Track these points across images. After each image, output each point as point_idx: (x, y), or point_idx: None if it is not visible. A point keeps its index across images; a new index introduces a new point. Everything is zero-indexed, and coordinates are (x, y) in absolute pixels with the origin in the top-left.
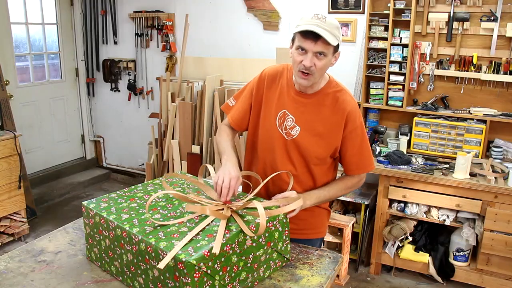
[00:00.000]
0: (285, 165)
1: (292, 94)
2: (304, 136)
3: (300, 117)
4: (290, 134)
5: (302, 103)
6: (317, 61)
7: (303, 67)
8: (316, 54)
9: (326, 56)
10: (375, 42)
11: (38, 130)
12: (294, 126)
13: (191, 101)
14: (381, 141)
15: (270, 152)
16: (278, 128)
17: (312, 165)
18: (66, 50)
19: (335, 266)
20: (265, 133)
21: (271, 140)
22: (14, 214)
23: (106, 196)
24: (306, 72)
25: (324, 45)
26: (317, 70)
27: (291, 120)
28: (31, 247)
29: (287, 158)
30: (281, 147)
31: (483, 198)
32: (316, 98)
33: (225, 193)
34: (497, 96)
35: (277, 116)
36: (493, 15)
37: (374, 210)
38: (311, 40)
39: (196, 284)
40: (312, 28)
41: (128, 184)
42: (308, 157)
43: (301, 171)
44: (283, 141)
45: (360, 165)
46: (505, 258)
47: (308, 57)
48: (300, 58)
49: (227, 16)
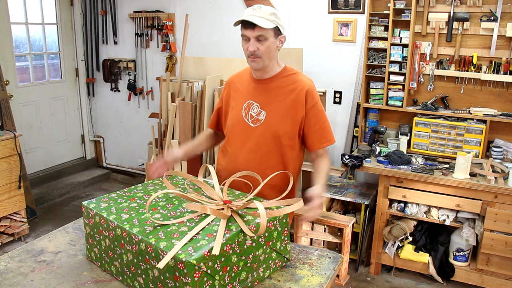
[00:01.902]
0: (254, 152)
1: (253, 83)
2: (271, 118)
3: (263, 102)
4: (258, 120)
5: (263, 89)
6: (259, 45)
7: (249, 52)
8: (257, 39)
9: (267, 39)
10: (375, 42)
11: (38, 130)
12: (260, 111)
13: (191, 101)
14: (381, 141)
15: (237, 145)
16: (244, 118)
17: (285, 147)
18: (66, 50)
19: (335, 266)
20: (231, 128)
21: (235, 132)
22: (14, 214)
23: (106, 196)
24: (253, 56)
25: (261, 30)
26: (262, 52)
27: (257, 107)
28: (31, 247)
29: (254, 146)
30: (246, 136)
31: (483, 198)
32: (274, 82)
33: (149, 175)
34: (497, 96)
35: (242, 108)
36: (493, 15)
37: (374, 210)
38: (250, 28)
39: (196, 284)
40: (246, 18)
41: (128, 184)
42: (279, 137)
43: (272, 157)
44: (248, 129)
45: (322, 138)
46: (505, 258)
47: (251, 43)
48: (246, 45)
49: (227, 16)
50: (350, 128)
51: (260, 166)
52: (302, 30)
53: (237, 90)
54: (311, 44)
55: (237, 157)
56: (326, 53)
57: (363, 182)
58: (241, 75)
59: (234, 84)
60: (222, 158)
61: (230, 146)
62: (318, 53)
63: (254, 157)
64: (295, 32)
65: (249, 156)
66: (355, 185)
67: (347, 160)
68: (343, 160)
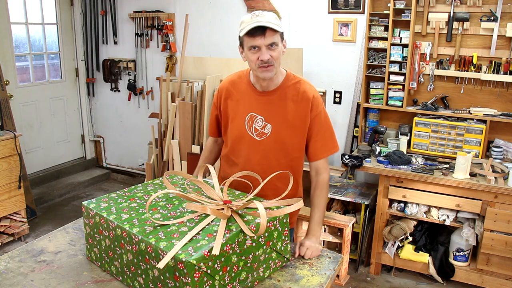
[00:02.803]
0: (261, 165)
1: (255, 95)
2: (278, 131)
3: (268, 115)
4: (264, 134)
5: (267, 101)
6: (272, 52)
7: (261, 62)
8: (269, 46)
9: (278, 45)
10: (375, 42)
11: (38, 130)
12: (265, 125)
13: (191, 101)
14: (381, 141)
15: (244, 158)
16: (248, 131)
17: (294, 159)
18: (66, 50)
19: (335, 266)
20: (234, 140)
21: (241, 145)
22: (14, 214)
23: (106, 196)
24: (266, 65)
25: (272, 35)
26: (275, 60)
27: (261, 120)
28: (31, 247)
29: (262, 159)
30: (253, 149)
31: (483, 198)
32: (278, 93)
33: None
34: (497, 96)
35: (244, 121)
36: (493, 15)
37: (374, 210)
38: (260, 35)
39: (196, 284)
40: (257, 24)
41: (128, 184)
42: (287, 150)
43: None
44: (254, 143)
45: (324, 147)
46: (505, 258)
47: (263, 52)
48: (256, 56)
49: (227, 16)
50: (350, 128)
51: (271, 179)
52: (302, 30)
53: (234, 99)
54: (311, 44)
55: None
56: (326, 53)
57: (363, 182)
58: (236, 82)
59: (230, 92)
60: (228, 167)
61: (236, 157)
62: (318, 53)
63: (262, 169)
64: (295, 32)
65: (258, 168)
66: (355, 185)
67: (347, 160)
68: (343, 160)
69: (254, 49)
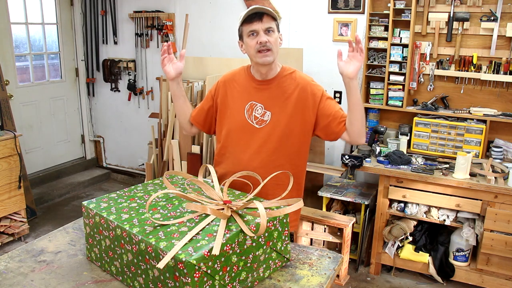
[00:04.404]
0: (259, 153)
1: (254, 85)
2: (278, 118)
3: (268, 102)
4: (263, 121)
5: (266, 89)
6: (269, 37)
7: (260, 45)
8: (266, 31)
9: (274, 32)
10: (375, 42)
11: (38, 130)
12: (264, 112)
13: (191, 101)
14: (381, 141)
15: (241, 148)
16: (247, 120)
17: (292, 146)
18: (66, 50)
19: (335, 266)
20: (234, 129)
21: (240, 134)
22: (14, 214)
23: (106, 196)
24: (264, 49)
25: (269, 21)
26: (273, 44)
27: (261, 108)
28: (31, 247)
29: (261, 146)
30: (253, 137)
31: (483, 198)
32: (277, 81)
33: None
34: (497, 96)
35: (244, 109)
36: (493, 15)
37: (374, 210)
38: (257, 21)
39: (196, 284)
40: (255, 10)
41: (128, 184)
42: (286, 136)
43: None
44: (254, 130)
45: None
46: (505, 258)
47: (261, 35)
48: (255, 41)
49: (227, 16)
50: None
51: (267, 166)
52: (302, 30)
53: (235, 90)
54: (311, 44)
55: (241, 159)
56: (326, 53)
57: (363, 182)
58: (235, 75)
59: (231, 84)
60: (221, 163)
61: (231, 149)
62: (318, 53)
63: (259, 157)
64: (295, 32)
65: (254, 156)
66: (355, 185)
67: (347, 160)
68: (343, 160)
69: (253, 34)
